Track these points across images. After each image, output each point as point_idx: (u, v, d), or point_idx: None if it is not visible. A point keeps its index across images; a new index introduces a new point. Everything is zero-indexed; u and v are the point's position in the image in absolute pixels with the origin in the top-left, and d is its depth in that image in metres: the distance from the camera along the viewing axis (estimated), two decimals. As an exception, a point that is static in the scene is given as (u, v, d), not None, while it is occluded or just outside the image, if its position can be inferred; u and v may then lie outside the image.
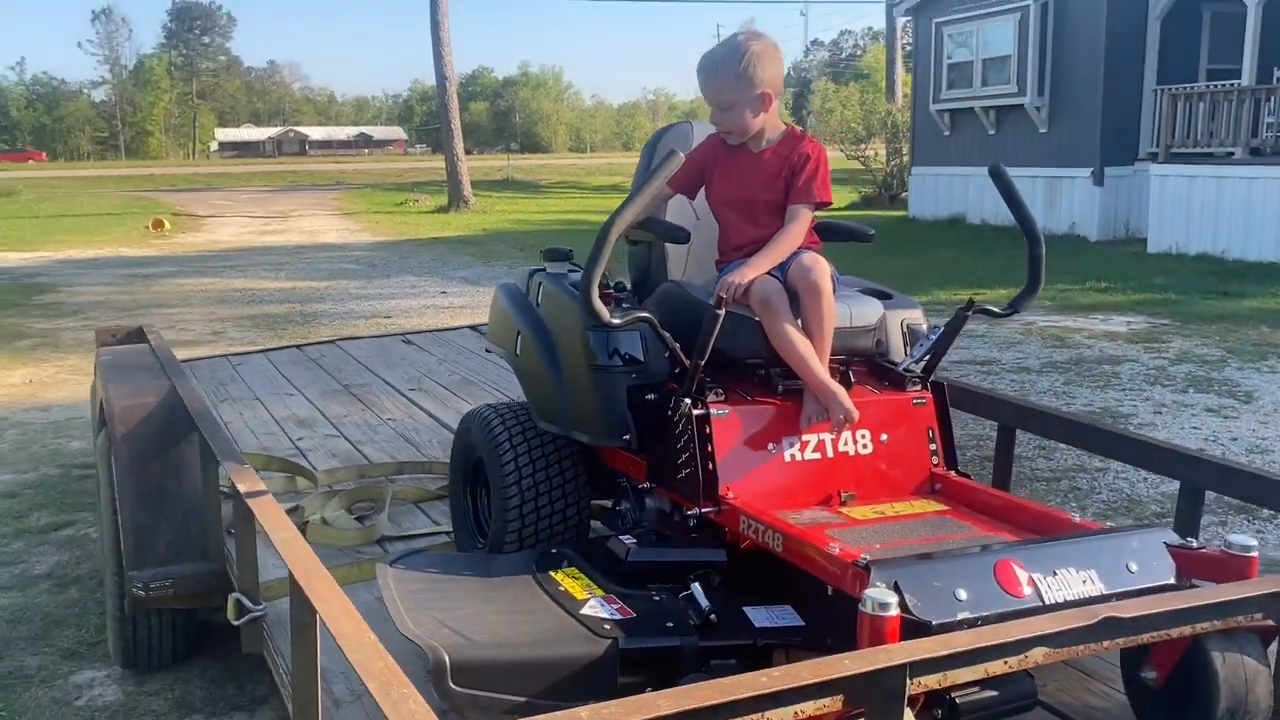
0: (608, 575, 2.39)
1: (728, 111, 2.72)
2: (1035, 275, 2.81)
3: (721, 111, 2.73)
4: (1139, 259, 14.19)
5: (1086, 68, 16.37)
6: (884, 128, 27.24)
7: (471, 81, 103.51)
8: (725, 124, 2.76)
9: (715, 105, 2.73)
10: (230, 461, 2.69)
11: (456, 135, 26.64)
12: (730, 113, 2.72)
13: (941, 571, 1.96)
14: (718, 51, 2.77)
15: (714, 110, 2.75)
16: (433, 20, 25.68)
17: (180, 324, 10.97)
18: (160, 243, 20.52)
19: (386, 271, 15.42)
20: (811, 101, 71.33)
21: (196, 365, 6.23)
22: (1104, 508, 5.14)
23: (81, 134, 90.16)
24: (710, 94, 2.73)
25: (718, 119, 2.77)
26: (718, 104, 2.72)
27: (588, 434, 2.67)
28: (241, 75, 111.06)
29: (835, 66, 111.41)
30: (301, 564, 1.97)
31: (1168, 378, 7.62)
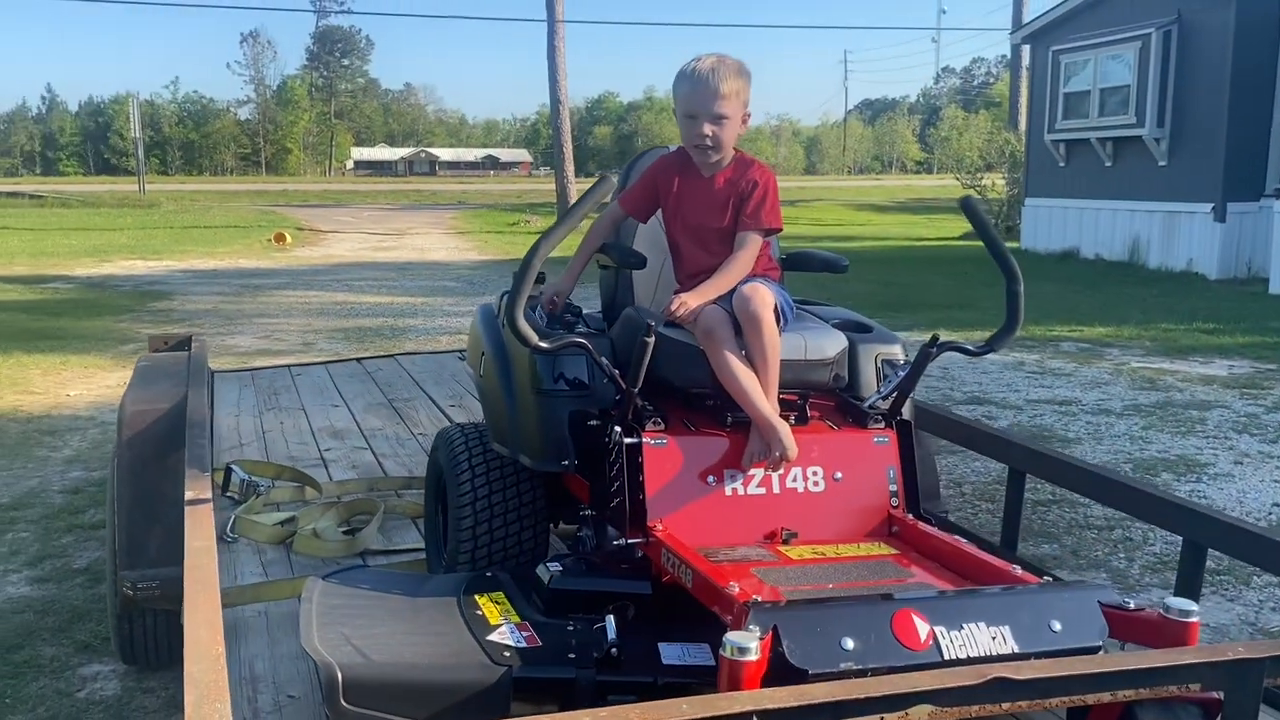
0: (532, 602, 2.37)
1: (720, 125, 2.64)
2: (1014, 312, 2.69)
3: (713, 124, 2.64)
4: (1258, 299, 13.45)
5: (1210, 98, 15.64)
6: (1003, 157, 26.56)
7: (597, 106, 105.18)
8: (713, 138, 2.65)
9: (708, 118, 2.63)
10: (193, 469, 2.76)
11: (568, 157, 27.06)
12: (723, 127, 2.65)
13: (829, 618, 1.88)
14: (717, 63, 2.66)
15: (700, 123, 2.64)
16: (549, 45, 26.21)
17: (276, 334, 11.39)
18: (279, 255, 21.36)
19: (484, 290, 15.70)
20: (938, 129, 70.12)
21: (259, 374, 6.45)
22: (1154, 560, 4.87)
23: (226, 150, 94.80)
24: (706, 104, 2.62)
25: (704, 133, 2.64)
26: (713, 116, 2.63)
27: (530, 457, 2.66)
28: (378, 97, 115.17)
29: (966, 94, 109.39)
30: (196, 575, 2.00)
31: (1259, 426, 7.19)
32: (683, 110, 2.66)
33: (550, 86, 26.56)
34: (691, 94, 2.63)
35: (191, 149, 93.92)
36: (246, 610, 2.89)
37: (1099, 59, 17.51)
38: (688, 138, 2.69)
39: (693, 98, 2.63)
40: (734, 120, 2.64)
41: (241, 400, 5.64)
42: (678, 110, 2.68)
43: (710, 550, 2.37)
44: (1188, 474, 6.13)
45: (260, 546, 3.44)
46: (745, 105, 2.65)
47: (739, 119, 2.65)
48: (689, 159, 2.75)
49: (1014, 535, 3.56)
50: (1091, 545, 5.07)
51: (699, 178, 2.72)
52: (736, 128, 2.65)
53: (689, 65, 2.66)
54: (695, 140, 2.66)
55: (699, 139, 2.65)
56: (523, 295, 2.32)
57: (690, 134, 2.67)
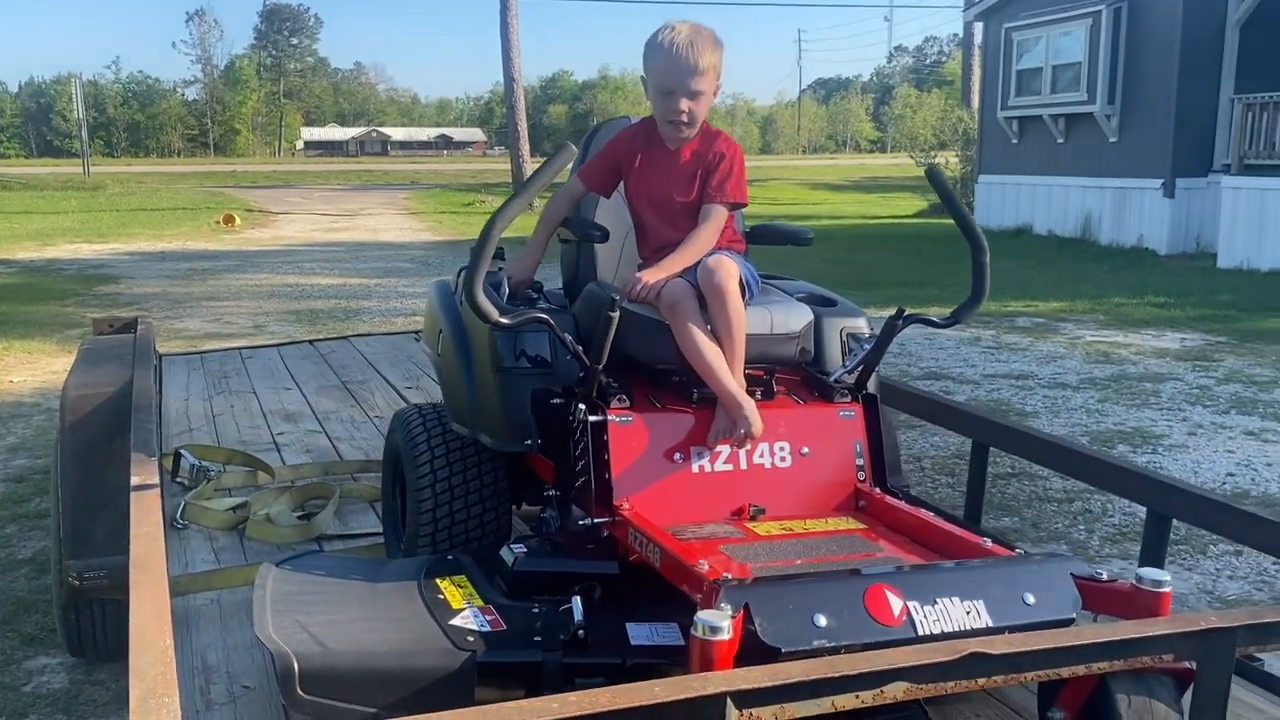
0: (496, 585, 2.31)
1: (696, 101, 2.57)
2: (980, 284, 2.66)
3: (690, 100, 2.56)
4: (1207, 274, 13.65)
5: (1160, 76, 15.81)
6: (956, 135, 26.75)
7: (551, 85, 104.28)
8: (690, 115, 2.57)
9: (685, 94, 2.54)
10: (139, 453, 2.66)
11: (523, 137, 26.81)
12: (699, 103, 2.57)
13: (801, 594, 1.83)
14: (693, 35, 2.55)
15: (677, 100, 2.55)
16: (502, 22, 25.89)
17: (226, 317, 11.16)
18: (228, 238, 20.98)
19: (439, 270, 15.51)
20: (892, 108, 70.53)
21: (208, 357, 6.31)
22: (1114, 531, 4.91)
23: (173, 131, 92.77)
24: (684, 80, 2.53)
25: (680, 109, 2.56)
26: (690, 92, 2.54)
27: (491, 437, 2.59)
28: (328, 76, 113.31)
29: (919, 72, 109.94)
30: (142, 563, 1.92)
31: (1211, 398, 7.28)
32: (657, 85, 2.57)
33: (504, 65, 26.27)
34: (668, 69, 2.54)
35: (137, 130, 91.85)
36: (198, 599, 2.81)
37: (1051, 36, 17.63)
38: (662, 113, 2.60)
39: (669, 73, 2.53)
40: (708, 95, 2.57)
41: (190, 384, 5.50)
42: (650, 83, 2.59)
43: (678, 528, 2.32)
44: (1144, 445, 6.19)
45: (212, 533, 3.34)
46: (719, 77, 2.58)
47: (712, 92, 2.58)
48: (653, 130, 2.67)
49: (977, 509, 3.55)
50: (1051, 518, 5.09)
51: (664, 150, 2.65)
52: (710, 101, 2.58)
53: (664, 36, 2.55)
54: (671, 116, 2.58)
55: (674, 115, 2.57)
56: (481, 269, 2.25)
57: (666, 109, 2.58)
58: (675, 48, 2.53)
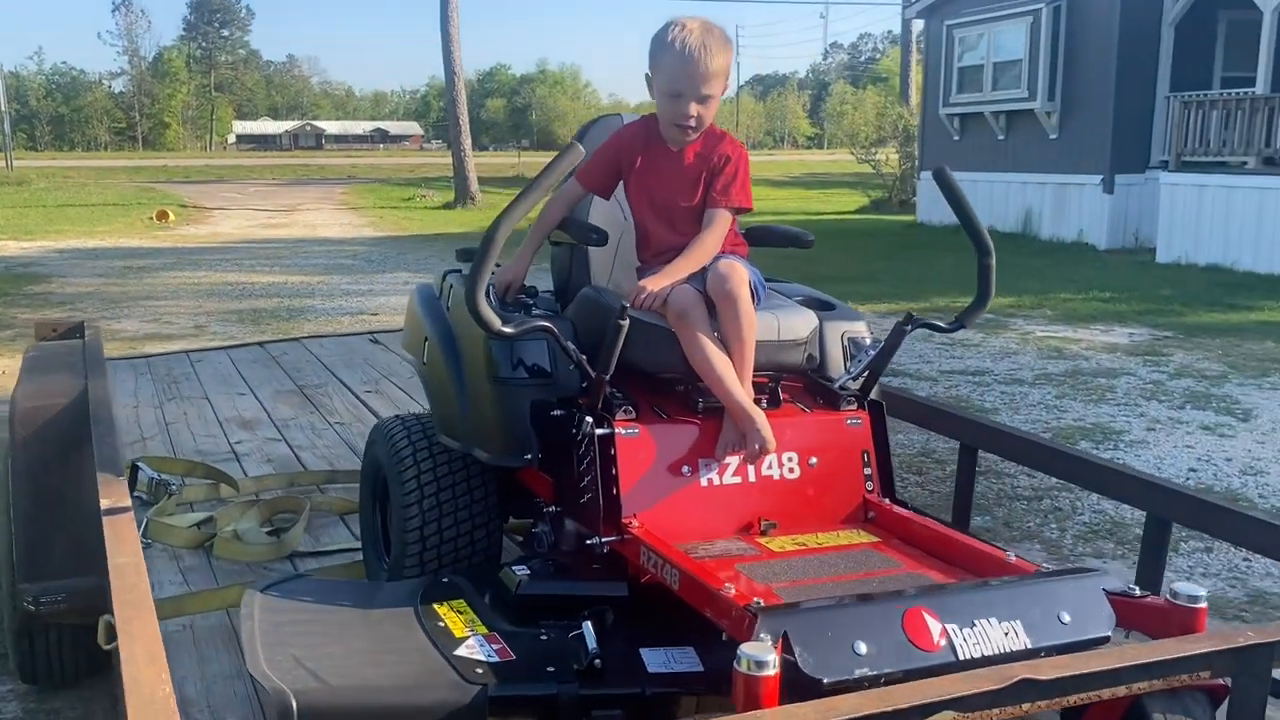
0: (497, 609, 2.19)
1: (706, 105, 2.46)
2: (985, 287, 2.60)
3: (699, 105, 2.45)
4: (1147, 269, 13.89)
5: (1098, 73, 16.06)
6: (896, 132, 26.96)
7: (489, 78, 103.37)
8: (699, 120, 2.47)
9: (695, 98, 2.44)
10: (105, 472, 2.49)
11: (464, 131, 26.45)
12: (708, 107, 2.47)
13: (840, 621, 1.75)
14: (705, 36, 2.43)
15: (686, 103, 2.44)
16: (442, 14, 25.53)
17: (165, 317, 10.81)
18: (162, 234, 20.42)
19: (382, 267, 15.25)
20: (828, 104, 71.07)
21: (155, 361, 6.08)
22: (1085, 530, 4.90)
23: (100, 125, 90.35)
24: (695, 84, 2.42)
25: (689, 113, 2.46)
26: (699, 96, 2.44)
27: (487, 451, 2.46)
28: (260, 69, 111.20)
29: (854, 70, 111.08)
30: (127, 598, 1.77)
31: (1165, 393, 7.36)
32: (667, 87, 2.45)
33: (444, 58, 25.87)
34: (679, 71, 2.42)
35: (62, 123, 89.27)
36: (169, 625, 2.64)
37: (992, 33, 17.83)
38: (670, 116, 2.49)
39: (680, 76, 2.42)
40: (718, 98, 2.47)
41: (139, 389, 5.28)
42: (657, 84, 2.47)
43: (688, 546, 2.22)
44: (1105, 442, 6.22)
45: (177, 552, 3.17)
46: (728, 79, 2.48)
47: (720, 94, 2.49)
48: (654, 131, 2.56)
49: (966, 512, 3.51)
50: (1022, 516, 5.08)
51: (666, 151, 2.54)
52: (717, 105, 2.48)
53: (675, 35, 2.42)
54: (679, 120, 2.47)
55: (683, 119, 2.47)
56: (484, 276, 2.12)
57: (674, 113, 2.47)
58: (687, 49, 2.41)
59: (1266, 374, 7.92)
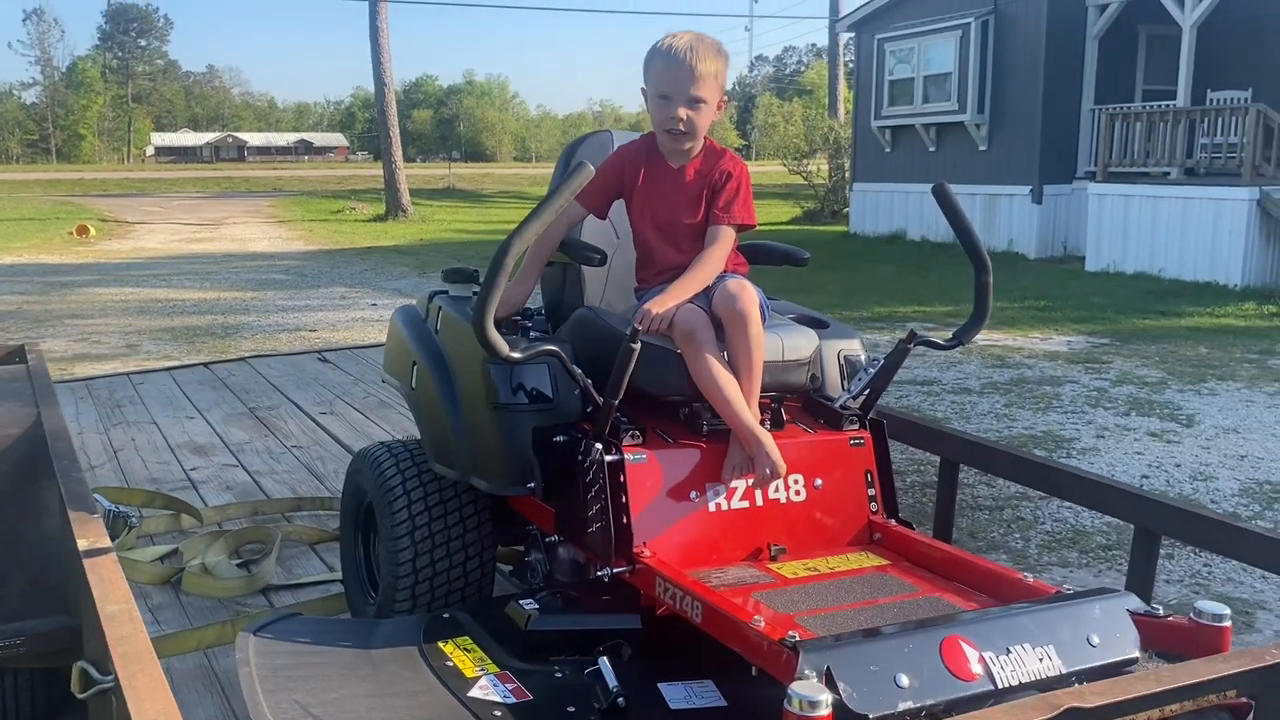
0: (505, 645, 2.10)
1: (695, 109, 2.41)
2: (983, 304, 2.59)
3: (688, 107, 2.41)
4: (1077, 277, 14.21)
5: (1026, 86, 16.42)
6: (826, 144, 27.26)
7: (415, 89, 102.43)
8: (688, 123, 2.42)
9: (684, 100, 2.40)
10: (79, 510, 2.35)
11: (395, 142, 26.13)
12: (698, 111, 2.42)
13: (880, 653, 1.70)
14: (695, 41, 2.42)
15: (675, 106, 2.40)
16: (371, 26, 25.23)
17: (94, 336, 10.45)
18: (84, 250, 19.81)
19: (317, 282, 14.96)
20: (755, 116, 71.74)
21: (95, 384, 5.84)
22: (1048, 539, 4.95)
23: (11, 136, 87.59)
24: (682, 85, 2.39)
25: (678, 115, 2.41)
26: (689, 99, 2.40)
27: (487, 480, 2.37)
28: (179, 79, 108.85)
29: (779, 82, 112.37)
30: (127, 650, 1.65)
31: (1109, 400, 7.50)
32: (655, 90, 2.42)
33: (374, 69, 25.55)
34: (665, 73, 2.39)
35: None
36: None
37: (922, 47, 18.13)
38: (660, 121, 2.45)
39: (666, 77, 2.39)
40: (710, 105, 2.43)
41: (80, 414, 5.06)
42: (649, 91, 2.43)
43: (701, 574, 2.16)
44: (1057, 450, 6.30)
45: (143, 588, 3.02)
46: (722, 89, 2.44)
47: (715, 104, 2.44)
48: (654, 148, 2.51)
49: (948, 527, 3.50)
50: (986, 526, 5.11)
51: (667, 168, 2.49)
52: (712, 113, 2.44)
53: (665, 42, 2.43)
54: (667, 124, 2.43)
55: (671, 122, 2.42)
56: (493, 301, 2.04)
57: (663, 117, 2.43)
58: (674, 51, 2.40)
59: (1203, 379, 8.13)
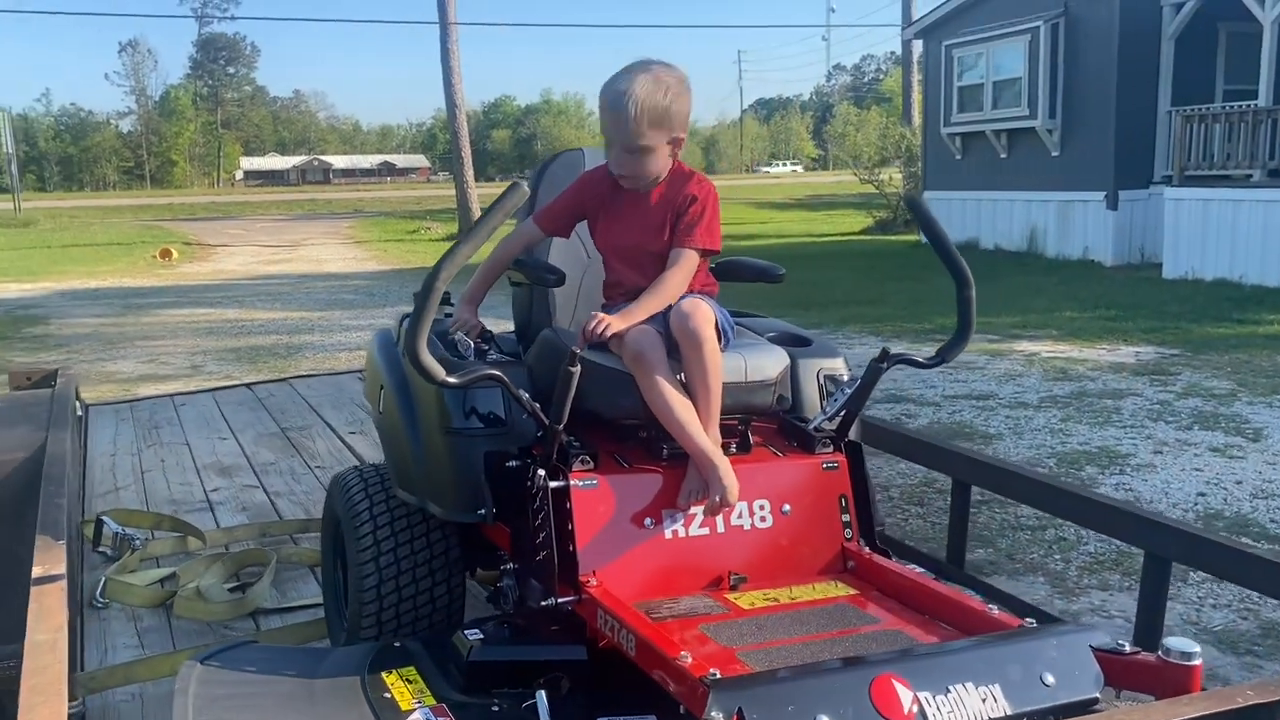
0: (449, 676, 2.06)
1: (638, 156, 2.34)
2: (966, 321, 2.48)
3: (630, 155, 2.34)
4: (1153, 284, 13.74)
5: (1099, 89, 15.96)
6: (899, 152, 26.89)
7: (494, 110, 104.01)
8: (632, 169, 2.37)
9: (624, 148, 2.34)
10: (45, 535, 2.38)
11: (467, 162, 26.52)
12: (641, 158, 2.35)
13: (800, 692, 1.61)
14: (634, 86, 2.32)
15: (618, 151, 2.36)
16: (443, 48, 25.65)
17: (161, 357, 10.75)
18: (165, 272, 20.44)
19: (384, 301, 15.19)
20: (832, 126, 71.21)
21: (139, 405, 5.98)
22: (1090, 560, 4.75)
23: (108, 164, 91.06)
24: (621, 134, 2.32)
25: (622, 162, 2.36)
26: (629, 147, 2.34)
27: (441, 506, 2.34)
28: (267, 105, 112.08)
29: (858, 91, 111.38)
30: (35, 680, 1.65)
31: (1172, 413, 7.21)
32: (603, 131, 2.37)
33: (446, 90, 25.98)
34: (607, 120, 2.34)
35: (70, 163, 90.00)
36: (116, 695, 2.52)
37: (991, 52, 17.76)
38: (609, 163, 2.41)
39: (608, 125, 2.34)
40: (657, 150, 2.34)
41: (119, 436, 5.18)
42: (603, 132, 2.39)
43: (652, 604, 2.09)
44: (1111, 466, 6.07)
45: (135, 612, 3.05)
46: (674, 129, 2.35)
47: (664, 145, 2.36)
48: None
49: (960, 549, 3.38)
50: (1026, 547, 4.93)
51: (632, 195, 2.43)
52: (663, 155, 2.36)
53: (609, 83, 2.34)
54: (612, 168, 2.40)
55: (615, 167, 2.39)
56: (425, 323, 2.01)
57: (609, 161, 2.40)
58: (617, 98, 2.31)
59: (1277, 391, 7.76)
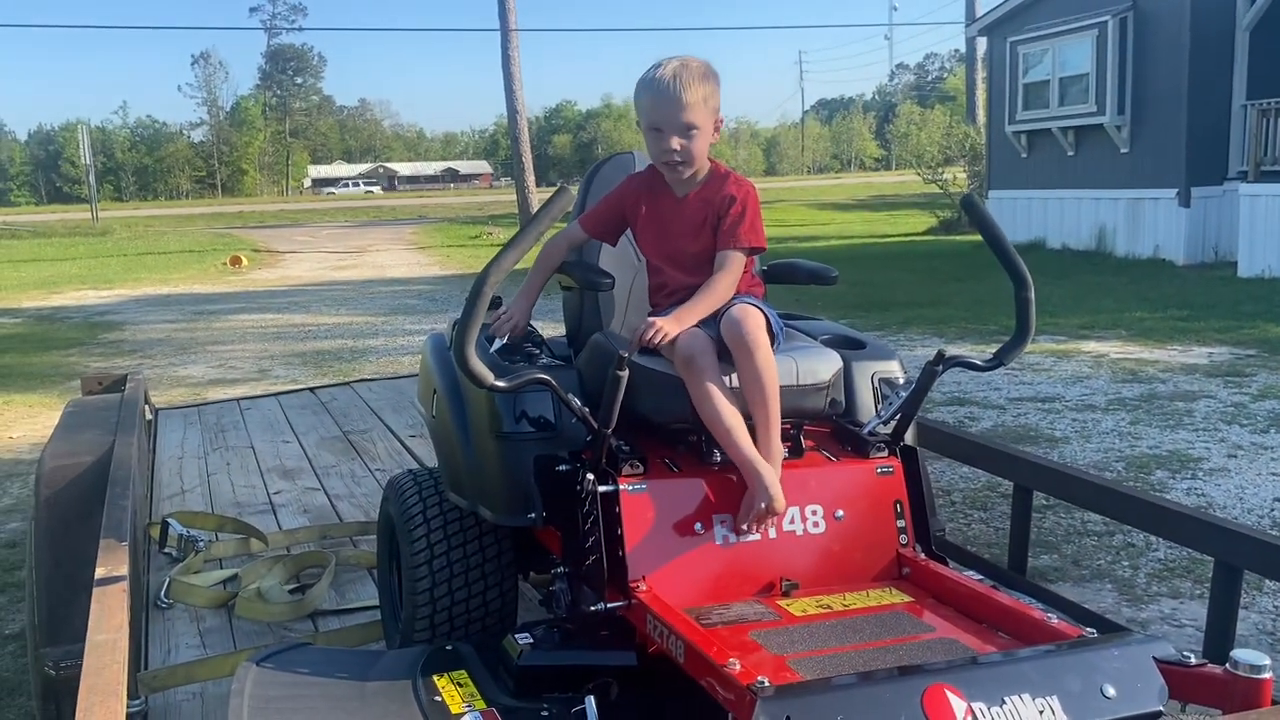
0: (500, 680, 2.06)
1: (689, 136, 2.36)
2: (1025, 322, 2.42)
3: (681, 137, 2.36)
4: (1228, 284, 13.36)
5: (1170, 83, 15.57)
6: (963, 151, 26.52)
7: (555, 115, 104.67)
8: (683, 152, 2.37)
9: (676, 130, 2.35)
10: (109, 538, 2.43)
11: (528, 167, 26.70)
12: (692, 139, 2.36)
13: (850, 702, 1.58)
14: (680, 68, 2.36)
15: (667, 137, 2.36)
16: (503, 54, 25.86)
17: (230, 361, 10.98)
18: (234, 279, 20.88)
19: (446, 306, 15.36)
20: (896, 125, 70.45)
21: (206, 409, 6.10)
22: (1160, 567, 4.62)
23: (181, 174, 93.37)
24: (672, 116, 2.34)
25: (672, 147, 2.36)
26: (681, 127, 2.35)
27: (491, 509, 2.35)
28: (334, 114, 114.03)
29: (921, 90, 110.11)
30: (94, 681, 1.68)
31: (1247, 415, 6.99)
32: (647, 123, 2.37)
33: (506, 96, 26.20)
34: (654, 105, 2.34)
35: (145, 174, 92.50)
36: (178, 694, 2.57)
37: (1057, 48, 17.43)
38: (655, 154, 2.40)
39: (656, 109, 2.34)
40: (705, 130, 2.36)
41: (186, 440, 5.29)
42: (642, 123, 2.39)
43: (702, 610, 2.07)
44: (1182, 471, 5.91)
45: (198, 612, 3.10)
46: (716, 111, 2.38)
47: (710, 127, 2.37)
48: (658, 177, 2.47)
49: (1023, 556, 3.30)
50: (1092, 553, 4.82)
51: (670, 198, 2.44)
52: (708, 137, 2.37)
53: (649, 73, 2.37)
54: (664, 156, 2.38)
55: (667, 154, 2.37)
56: (474, 327, 2.02)
57: (657, 149, 2.38)
58: (659, 82, 2.34)
59: (1358, 393, 7.50)
